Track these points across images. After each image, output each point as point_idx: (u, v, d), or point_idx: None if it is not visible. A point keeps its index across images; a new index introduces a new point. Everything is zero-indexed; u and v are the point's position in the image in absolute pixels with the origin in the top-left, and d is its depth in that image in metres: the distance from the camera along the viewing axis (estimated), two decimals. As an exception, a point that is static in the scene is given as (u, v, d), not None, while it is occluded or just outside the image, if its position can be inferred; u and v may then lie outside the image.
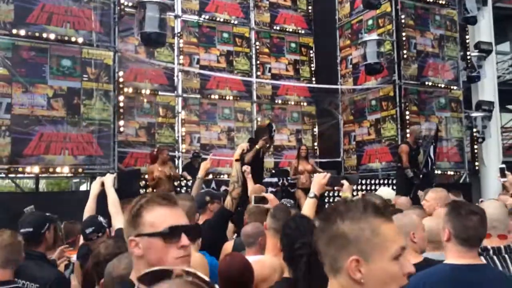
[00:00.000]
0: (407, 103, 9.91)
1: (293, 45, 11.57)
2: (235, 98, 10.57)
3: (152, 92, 9.66)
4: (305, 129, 11.44)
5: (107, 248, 2.33)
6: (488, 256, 2.40)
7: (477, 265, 2.10)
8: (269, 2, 11.33)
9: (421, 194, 4.69)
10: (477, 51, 11.35)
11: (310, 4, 11.85)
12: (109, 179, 3.43)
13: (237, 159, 3.81)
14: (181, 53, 10.05)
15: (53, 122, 6.98)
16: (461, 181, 10.44)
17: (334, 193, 8.06)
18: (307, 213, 2.69)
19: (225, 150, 10.15)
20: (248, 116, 10.71)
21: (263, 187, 4.79)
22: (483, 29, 11.63)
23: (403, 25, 10.04)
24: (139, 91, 9.46)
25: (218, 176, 9.58)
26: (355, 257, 1.15)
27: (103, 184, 3.43)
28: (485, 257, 2.38)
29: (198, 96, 10.21)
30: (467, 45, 11.20)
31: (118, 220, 3.23)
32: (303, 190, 8.16)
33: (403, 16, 10.08)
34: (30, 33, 6.98)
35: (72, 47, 7.28)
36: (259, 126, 10.04)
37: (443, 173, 10.28)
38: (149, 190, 7.24)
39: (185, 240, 1.42)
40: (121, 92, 7.63)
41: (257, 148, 7.11)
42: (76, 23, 7.36)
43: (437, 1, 10.68)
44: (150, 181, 7.38)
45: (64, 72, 7.20)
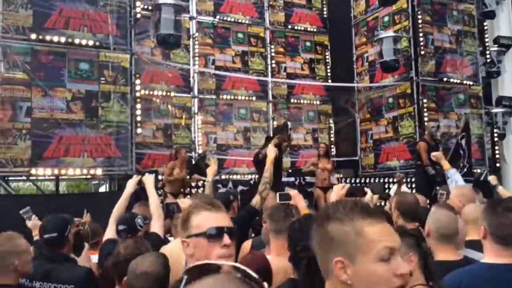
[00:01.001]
0: (425, 100, 9.78)
1: (308, 44, 11.52)
2: (250, 98, 10.57)
3: (168, 94, 9.73)
4: (321, 128, 11.38)
5: (126, 249, 2.35)
6: None
7: None
8: (283, 2, 11.29)
9: (441, 192, 4.62)
10: (496, 45, 11.14)
11: (324, 2, 11.78)
12: (149, 179, 3.40)
13: (271, 161, 3.81)
14: (196, 54, 10.10)
15: (72, 125, 7.09)
16: (481, 178, 10.25)
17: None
18: None
19: (241, 150, 10.16)
20: (264, 116, 10.70)
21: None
22: (502, 23, 11.40)
23: (420, 21, 9.90)
24: (155, 92, 9.53)
25: (235, 176, 9.61)
26: (338, 258, 1.14)
27: (139, 183, 3.42)
28: None
29: (214, 96, 10.24)
30: (486, 40, 11.00)
31: (157, 226, 3.26)
32: (322, 188, 8.13)
33: (419, 12, 9.94)
34: (48, 37, 7.10)
35: (89, 50, 7.38)
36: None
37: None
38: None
39: (227, 239, 1.61)
40: (138, 94, 7.71)
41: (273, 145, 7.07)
42: (93, 27, 7.46)
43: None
44: (166, 176, 7.41)
45: (82, 75, 7.31)
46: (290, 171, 10.21)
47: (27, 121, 6.88)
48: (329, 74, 11.55)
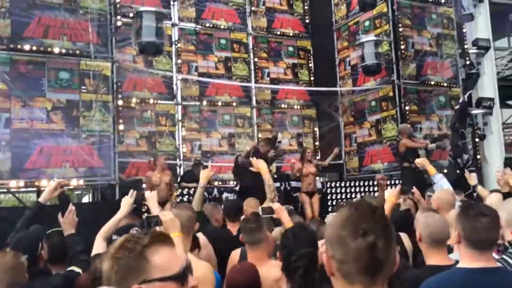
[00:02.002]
0: (407, 103, 9.89)
1: (291, 49, 11.57)
2: (234, 104, 10.56)
3: (151, 101, 9.66)
4: (305, 132, 11.42)
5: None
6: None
7: (492, 269, 2.04)
8: (265, 7, 11.34)
9: (428, 195, 4.63)
10: (475, 48, 11.31)
11: (306, 7, 11.86)
12: (151, 198, 3.09)
13: (266, 171, 3.94)
14: (179, 61, 10.06)
15: (52, 135, 6.98)
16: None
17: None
18: None
19: (226, 157, 10.13)
20: (248, 121, 10.70)
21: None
22: (480, 26, 11.59)
23: (400, 24, 10.04)
24: (138, 100, 9.46)
25: (220, 183, 9.56)
26: None
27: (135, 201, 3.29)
28: (507, 255, 2.34)
29: (198, 103, 10.20)
30: (465, 42, 11.17)
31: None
32: (307, 193, 8.12)
33: (399, 16, 10.08)
34: (27, 47, 7.00)
35: (70, 59, 7.30)
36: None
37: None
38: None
39: (192, 281, 1.34)
40: (120, 102, 7.63)
41: (248, 150, 7.15)
42: (73, 35, 7.37)
43: (434, 0, 10.68)
44: (148, 189, 7.32)
45: (62, 84, 7.21)
46: (276, 176, 10.19)
47: (6, 132, 6.76)
48: (312, 78, 11.61)
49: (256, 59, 10.94)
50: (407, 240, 3.58)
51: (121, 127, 7.56)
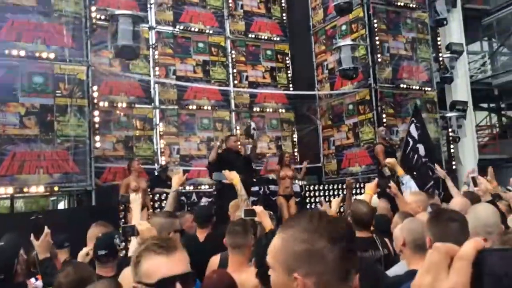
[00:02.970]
0: (383, 106, 10.04)
1: (269, 52, 11.61)
2: (213, 108, 10.53)
3: (128, 105, 9.54)
4: (284, 135, 11.45)
5: (67, 276, 2.26)
6: None
7: None
8: (243, 11, 11.35)
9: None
10: (448, 52, 11.60)
11: (284, 11, 11.92)
12: (135, 201, 3.19)
13: (238, 181, 4.00)
14: (156, 64, 9.97)
15: (26, 140, 6.83)
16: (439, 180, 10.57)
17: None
18: None
19: (205, 161, 10.06)
20: (227, 125, 10.66)
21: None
22: (454, 31, 11.91)
23: (376, 29, 10.19)
24: (115, 104, 9.33)
25: (198, 187, 9.51)
26: None
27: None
28: None
29: (176, 107, 10.12)
30: (439, 47, 11.43)
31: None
32: (284, 196, 8.15)
33: (375, 21, 10.23)
34: (-1, 50, 6.84)
35: (44, 63, 7.16)
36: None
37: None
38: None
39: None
40: (96, 106, 7.52)
41: (217, 145, 7.34)
42: (47, 39, 7.24)
43: (408, 5, 10.88)
44: (122, 194, 7.18)
45: (36, 89, 7.06)
46: (255, 180, 10.19)
47: (-23, 138, 6.58)
48: (290, 82, 11.66)
49: (234, 63, 10.93)
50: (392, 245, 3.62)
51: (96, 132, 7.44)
